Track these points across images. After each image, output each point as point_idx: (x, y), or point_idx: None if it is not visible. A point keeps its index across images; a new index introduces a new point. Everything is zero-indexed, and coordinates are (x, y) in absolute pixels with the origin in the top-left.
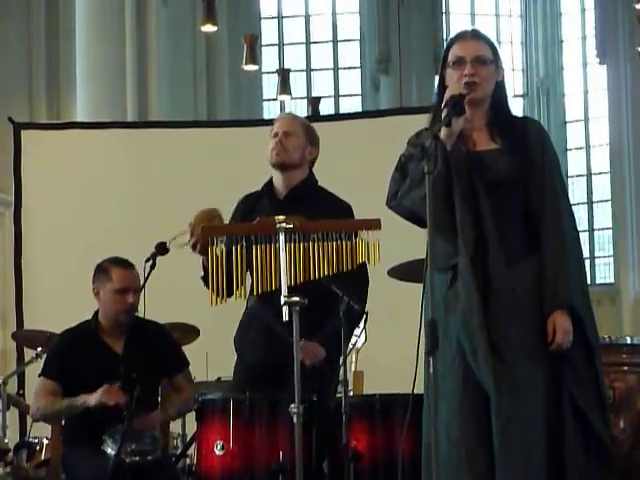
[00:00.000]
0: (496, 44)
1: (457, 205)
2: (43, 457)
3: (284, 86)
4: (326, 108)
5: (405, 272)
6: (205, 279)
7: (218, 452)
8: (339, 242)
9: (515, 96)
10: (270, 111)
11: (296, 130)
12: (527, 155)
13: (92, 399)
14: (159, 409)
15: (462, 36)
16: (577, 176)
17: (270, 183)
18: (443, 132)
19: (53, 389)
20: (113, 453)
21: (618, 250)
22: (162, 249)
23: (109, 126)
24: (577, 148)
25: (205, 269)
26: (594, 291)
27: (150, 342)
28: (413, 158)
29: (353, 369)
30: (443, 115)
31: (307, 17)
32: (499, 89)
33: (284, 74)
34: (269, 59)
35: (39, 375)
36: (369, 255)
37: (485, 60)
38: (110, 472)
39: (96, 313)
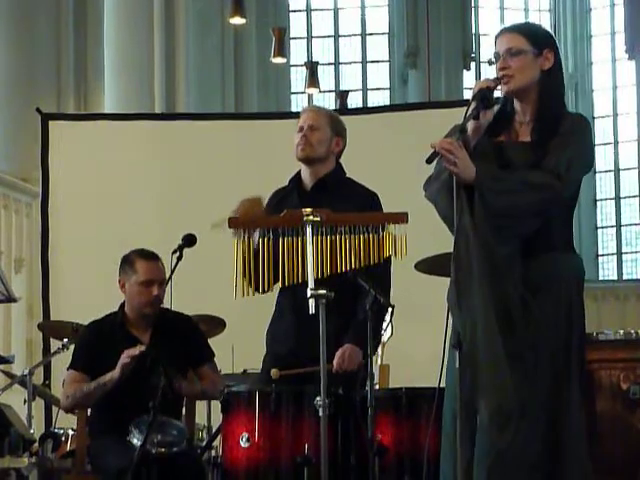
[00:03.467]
0: (540, 31)
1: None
2: (69, 448)
3: (312, 79)
4: (354, 101)
5: (432, 266)
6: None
7: (244, 444)
8: (366, 235)
9: None
10: (298, 104)
11: (321, 123)
12: (548, 147)
13: (114, 372)
14: (186, 382)
15: (500, 32)
16: (605, 171)
17: (298, 176)
18: (470, 126)
19: (81, 379)
20: (139, 444)
21: None
22: (189, 241)
23: (137, 118)
24: (605, 143)
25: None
26: (621, 287)
27: (177, 334)
28: None
29: (379, 363)
30: (471, 108)
31: (336, 10)
32: (547, 78)
33: (312, 67)
34: (297, 52)
35: (67, 368)
36: (396, 248)
37: (516, 51)
38: (135, 463)
39: (122, 305)
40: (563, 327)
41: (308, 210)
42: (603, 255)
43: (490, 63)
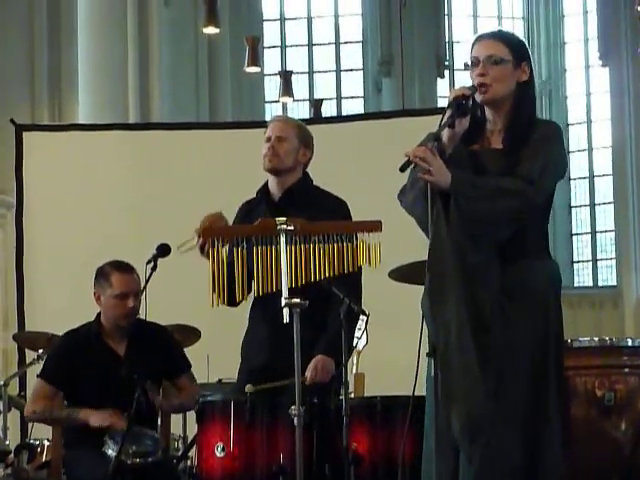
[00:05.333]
0: (521, 44)
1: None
2: (44, 459)
3: (286, 88)
4: (328, 110)
5: (406, 274)
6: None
7: (219, 454)
8: (340, 244)
9: None
10: (272, 113)
11: (289, 134)
12: (522, 155)
13: (93, 419)
14: (161, 397)
15: (480, 37)
16: (579, 178)
17: (265, 187)
18: (446, 134)
19: (50, 393)
20: (114, 454)
21: (620, 253)
22: (163, 251)
23: (111, 128)
24: (580, 150)
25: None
26: (596, 293)
27: (153, 344)
28: None
29: (354, 371)
30: (446, 116)
31: (309, 19)
32: (521, 90)
33: (286, 76)
34: (271, 61)
35: (37, 375)
36: (370, 257)
37: (498, 59)
38: (111, 473)
39: (98, 315)
40: (541, 333)
41: (282, 219)
42: (578, 262)
43: (466, 67)
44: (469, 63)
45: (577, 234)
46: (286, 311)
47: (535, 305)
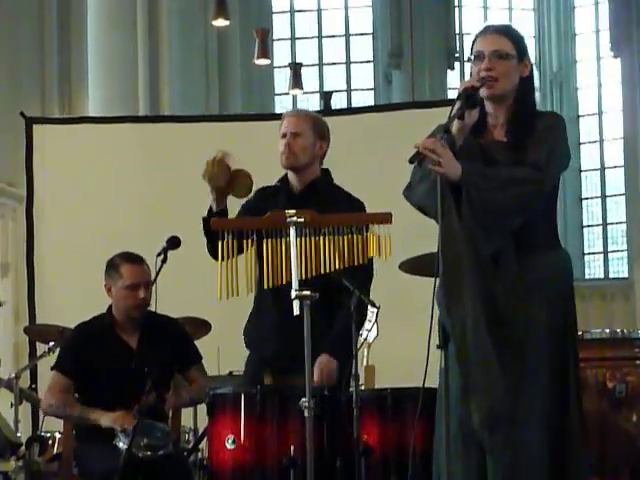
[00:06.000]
0: (523, 39)
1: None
2: (55, 451)
3: (296, 80)
4: (338, 102)
5: (416, 266)
6: (206, 220)
7: (229, 446)
8: (350, 236)
9: None
10: (282, 105)
11: (304, 129)
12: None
13: (105, 420)
14: (172, 393)
15: (484, 31)
16: (590, 170)
17: (285, 178)
18: (455, 125)
19: (66, 386)
20: (125, 447)
21: (631, 244)
22: (173, 243)
23: (121, 120)
24: (591, 142)
25: (210, 211)
26: (607, 285)
27: (164, 336)
28: None
29: (365, 363)
30: (455, 108)
31: (319, 11)
32: (524, 85)
33: (296, 68)
34: (281, 53)
35: (52, 368)
36: (380, 249)
37: (503, 55)
38: (122, 466)
39: (110, 307)
40: (559, 324)
41: (292, 211)
42: (589, 254)
43: (468, 60)
44: (472, 58)
45: (588, 226)
46: (296, 303)
47: (552, 295)
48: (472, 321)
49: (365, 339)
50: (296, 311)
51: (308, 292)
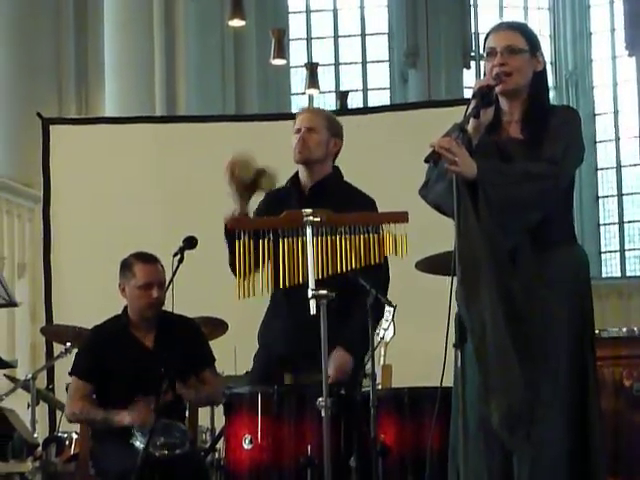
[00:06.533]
0: (534, 34)
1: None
2: (72, 452)
3: (312, 80)
4: (354, 102)
5: (432, 265)
6: (233, 266)
7: (246, 446)
8: (366, 235)
9: None
10: (298, 105)
11: (318, 125)
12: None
13: (128, 419)
14: (188, 389)
15: (496, 27)
16: (607, 168)
17: (296, 178)
18: (471, 124)
19: (87, 391)
20: (142, 447)
21: None
22: (190, 243)
23: (138, 121)
24: (607, 140)
25: (232, 255)
26: (623, 284)
27: (180, 337)
28: None
29: (382, 363)
30: (471, 107)
31: (335, 11)
32: (538, 80)
33: (312, 68)
34: (297, 53)
35: (70, 373)
36: (396, 248)
37: (516, 50)
38: (139, 466)
39: (126, 308)
40: (578, 320)
41: (308, 211)
42: (606, 252)
43: (481, 57)
44: (484, 55)
45: (605, 224)
46: (313, 302)
47: (570, 292)
48: (491, 319)
49: (382, 338)
50: (313, 310)
51: (325, 291)
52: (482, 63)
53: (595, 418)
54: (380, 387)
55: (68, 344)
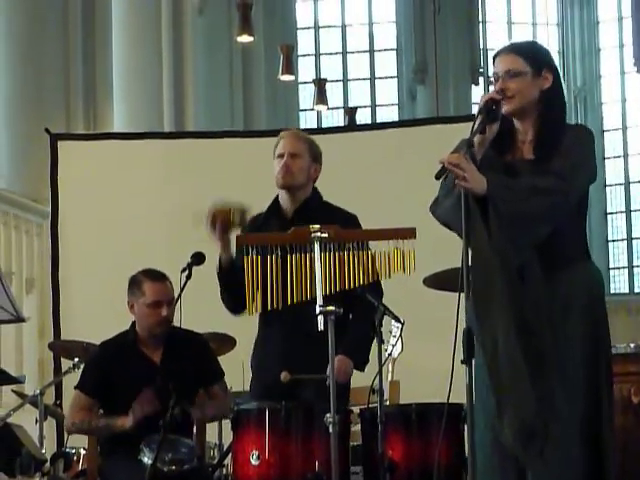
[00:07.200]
0: (539, 52)
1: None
2: (80, 467)
3: (320, 96)
4: (363, 118)
5: (440, 281)
6: (220, 275)
7: (254, 462)
8: (374, 251)
9: None
10: (307, 121)
11: (301, 150)
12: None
13: (129, 421)
14: (196, 407)
15: (500, 51)
16: (615, 185)
17: (276, 203)
18: (476, 139)
19: (88, 405)
20: (150, 462)
21: None
22: (198, 259)
23: (146, 137)
24: (615, 157)
25: (220, 266)
26: (631, 300)
27: (188, 352)
28: None
29: (389, 379)
30: (477, 122)
31: (343, 27)
32: (547, 97)
33: (320, 84)
34: (305, 69)
35: (75, 387)
36: (404, 264)
37: (514, 73)
38: None
39: (134, 323)
40: (592, 337)
41: (316, 226)
42: (614, 268)
43: (489, 83)
44: (492, 81)
45: (613, 240)
46: (321, 318)
47: (584, 308)
48: (503, 336)
49: (390, 354)
50: (320, 327)
51: (333, 307)
52: (490, 79)
53: (608, 436)
54: (388, 403)
55: (76, 359)
